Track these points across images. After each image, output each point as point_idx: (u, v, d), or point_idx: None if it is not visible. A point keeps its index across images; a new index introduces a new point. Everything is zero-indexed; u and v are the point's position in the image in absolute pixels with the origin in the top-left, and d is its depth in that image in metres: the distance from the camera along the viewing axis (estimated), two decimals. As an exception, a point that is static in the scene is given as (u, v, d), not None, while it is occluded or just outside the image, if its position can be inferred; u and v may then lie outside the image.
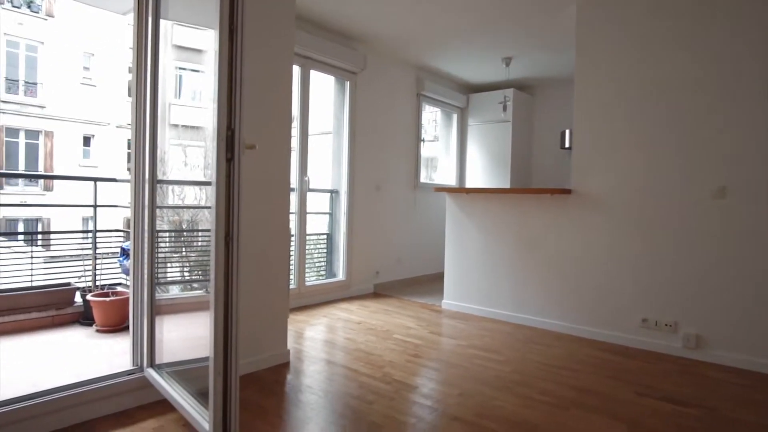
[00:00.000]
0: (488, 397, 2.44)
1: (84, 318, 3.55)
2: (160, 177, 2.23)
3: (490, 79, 5.98)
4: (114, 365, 2.64)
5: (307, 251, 4.53)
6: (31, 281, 3.65)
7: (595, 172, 3.57)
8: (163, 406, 2.17)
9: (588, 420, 2.22)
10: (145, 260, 2.14)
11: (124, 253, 3.69)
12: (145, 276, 2.15)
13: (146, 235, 2.13)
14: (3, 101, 14.90)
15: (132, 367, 2.20)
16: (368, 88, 4.87)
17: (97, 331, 3.39)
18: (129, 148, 17.29)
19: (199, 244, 4.39)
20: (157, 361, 2.19)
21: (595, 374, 2.81)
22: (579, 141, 3.67)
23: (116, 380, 2.09)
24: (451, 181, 6.39)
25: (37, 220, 14.61)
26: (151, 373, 2.10)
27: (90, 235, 3.85)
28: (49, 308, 3.50)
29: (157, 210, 2.22)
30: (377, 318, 3.97)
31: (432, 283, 5.58)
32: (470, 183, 6.21)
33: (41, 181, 15.32)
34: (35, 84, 15.68)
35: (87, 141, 16.43)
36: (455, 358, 3.03)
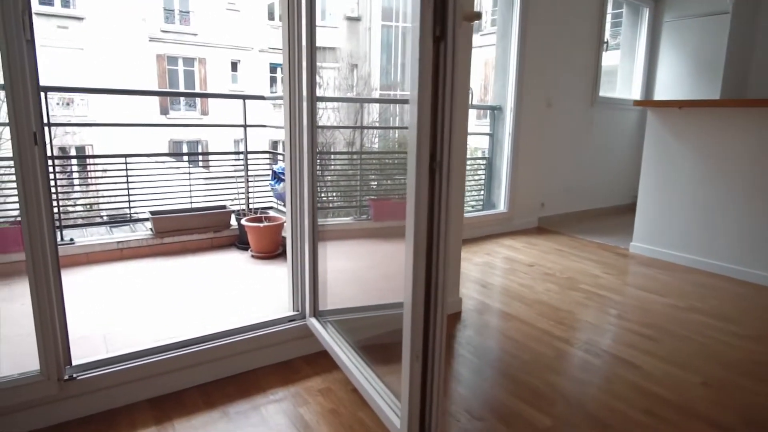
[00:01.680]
0: (752, 393, 1.74)
1: (239, 242, 3.46)
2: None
3: (706, -45, 4.52)
4: (274, 303, 2.43)
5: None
6: (191, 203, 3.64)
7: None
8: (326, 359, 1.85)
9: None
10: (305, 188, 1.74)
11: (276, 176, 3.47)
12: (306, 209, 1.75)
13: (305, 157, 1.71)
14: (162, 30, 16.02)
15: (293, 313, 1.89)
16: (544, -24, 3.90)
17: (252, 256, 3.27)
18: (272, 72, 17.87)
19: (334, 167, 4.07)
20: (320, 308, 1.85)
21: None
22: None
23: (277, 327, 1.79)
24: (635, 95, 5.19)
25: (197, 142, 16.01)
26: (315, 325, 1.76)
27: (241, 156, 3.70)
28: (208, 230, 3.47)
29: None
30: (551, 260, 3.33)
31: (607, 218, 4.71)
32: (661, 97, 4.98)
33: (199, 106, 16.56)
34: (188, 12, 16.55)
35: (234, 66, 17.22)
36: (676, 326, 2.31)
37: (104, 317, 2.21)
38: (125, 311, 2.30)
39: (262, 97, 4.13)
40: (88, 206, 5.39)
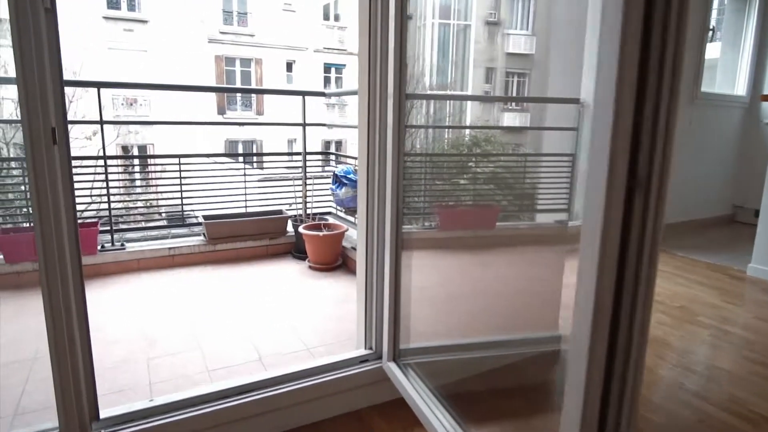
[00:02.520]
0: None
1: (296, 250, 3.19)
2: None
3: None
4: (332, 326, 2.12)
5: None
6: (246, 207, 3.40)
7: None
8: (404, 411, 1.50)
9: None
10: (388, 197, 1.38)
11: (338, 180, 3.16)
12: (388, 222, 1.40)
13: (389, 160, 1.36)
14: (221, 32, 16.30)
15: (365, 352, 1.55)
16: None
17: (310, 267, 2.98)
18: (326, 72, 17.80)
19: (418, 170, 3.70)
20: (402, 345, 1.50)
21: None
22: None
23: (348, 371, 1.46)
24: (739, 90, 4.54)
25: (252, 141, 16.15)
26: (394, 372, 1.41)
27: (297, 157, 3.42)
28: (264, 237, 3.21)
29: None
30: (653, 283, 2.83)
31: (705, 232, 4.10)
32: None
33: (254, 106, 16.72)
34: (245, 14, 16.76)
35: (289, 67, 17.29)
36: (844, 380, 1.81)
37: (150, 336, 1.98)
38: (173, 330, 2.05)
39: (323, 94, 3.85)
40: (148, 205, 5.32)
